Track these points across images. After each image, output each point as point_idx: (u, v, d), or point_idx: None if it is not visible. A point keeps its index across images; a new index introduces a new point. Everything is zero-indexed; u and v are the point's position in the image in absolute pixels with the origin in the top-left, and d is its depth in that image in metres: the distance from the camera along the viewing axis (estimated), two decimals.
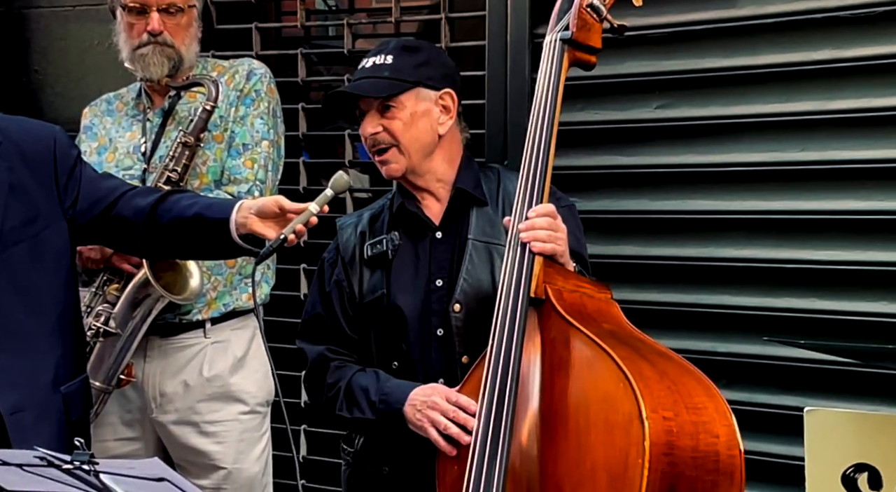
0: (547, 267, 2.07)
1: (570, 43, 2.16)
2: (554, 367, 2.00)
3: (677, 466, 1.85)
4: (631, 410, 1.85)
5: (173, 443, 2.80)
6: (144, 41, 2.74)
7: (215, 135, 2.76)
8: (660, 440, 1.84)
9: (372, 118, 2.30)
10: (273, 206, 2.23)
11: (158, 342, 2.77)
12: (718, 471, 1.90)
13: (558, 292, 2.05)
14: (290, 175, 3.16)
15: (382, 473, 2.31)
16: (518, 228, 2.09)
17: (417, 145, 2.29)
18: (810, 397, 2.51)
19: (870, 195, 2.50)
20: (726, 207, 2.68)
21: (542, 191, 2.11)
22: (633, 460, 1.83)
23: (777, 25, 2.59)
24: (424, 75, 2.31)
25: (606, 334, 1.99)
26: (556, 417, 1.97)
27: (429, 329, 2.27)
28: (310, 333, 2.38)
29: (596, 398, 1.93)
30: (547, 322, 2.03)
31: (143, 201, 2.34)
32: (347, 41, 3.27)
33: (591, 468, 1.90)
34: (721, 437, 1.91)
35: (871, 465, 1.63)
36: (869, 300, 2.49)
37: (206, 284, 2.75)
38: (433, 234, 2.32)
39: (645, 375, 1.90)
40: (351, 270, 2.34)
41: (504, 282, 2.08)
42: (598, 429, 1.90)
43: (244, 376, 2.81)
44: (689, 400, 1.92)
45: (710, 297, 2.70)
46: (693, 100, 2.72)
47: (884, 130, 2.48)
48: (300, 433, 3.31)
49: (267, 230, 2.23)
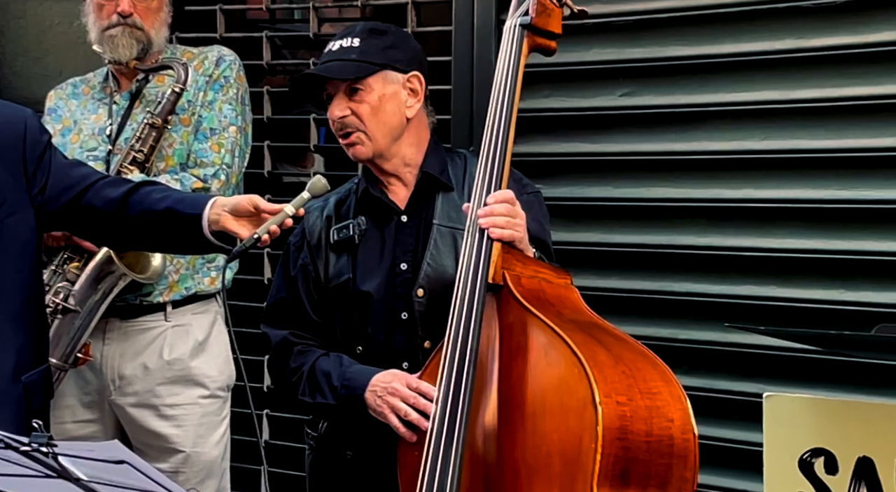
0: (505, 253, 2.08)
1: (530, 28, 2.17)
2: (511, 352, 2.01)
3: (631, 450, 1.87)
4: (585, 395, 1.86)
5: (132, 426, 2.79)
6: (114, 22, 2.73)
7: (182, 118, 2.75)
8: (613, 425, 1.86)
9: (340, 101, 2.29)
10: (248, 205, 2.22)
11: (118, 324, 2.76)
12: (673, 454, 1.91)
13: (516, 278, 2.05)
14: (254, 159, 3.14)
15: (346, 457, 2.31)
16: (476, 214, 2.10)
17: (385, 129, 2.29)
18: (770, 384, 2.54)
19: (829, 184, 2.52)
20: (688, 194, 2.69)
21: (501, 177, 2.11)
22: (586, 444, 1.85)
23: (740, 14, 2.60)
24: (392, 58, 2.30)
25: (563, 320, 2.00)
26: (514, 402, 1.98)
27: (393, 313, 2.27)
28: (274, 317, 2.38)
29: (551, 383, 1.94)
30: (505, 308, 2.04)
31: (114, 192, 2.31)
32: (313, 25, 3.25)
33: (546, 453, 1.91)
34: (675, 421, 1.93)
35: (827, 449, 1.65)
36: (827, 288, 2.52)
37: (169, 266, 2.74)
38: (398, 218, 2.32)
39: (599, 360, 1.91)
40: (317, 254, 2.33)
41: (462, 268, 2.08)
42: (554, 414, 1.92)
43: (205, 360, 2.80)
44: (644, 385, 1.93)
45: (672, 284, 2.72)
46: (657, 88, 2.73)
47: (844, 119, 2.50)
48: (262, 418, 3.30)
49: (240, 229, 2.22)
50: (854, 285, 2.49)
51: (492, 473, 2.01)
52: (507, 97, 2.14)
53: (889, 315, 2.38)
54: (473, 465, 2.02)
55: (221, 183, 2.73)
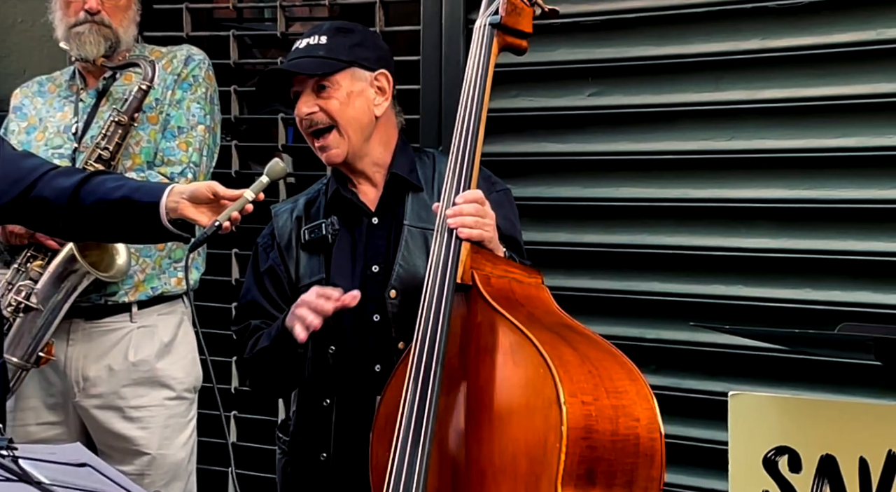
0: (474, 253, 2.07)
1: (500, 27, 2.16)
2: (480, 353, 2.01)
3: (596, 450, 1.87)
4: (550, 394, 1.86)
5: (96, 428, 2.77)
6: (81, 20, 2.71)
7: (150, 116, 2.73)
8: (578, 425, 1.86)
9: (307, 98, 2.28)
10: (206, 191, 2.19)
11: (83, 325, 2.73)
12: (639, 454, 1.92)
13: (486, 278, 2.05)
14: (222, 159, 3.12)
15: (320, 459, 2.29)
16: (445, 213, 2.09)
17: (356, 125, 2.28)
18: (737, 383, 2.55)
19: (796, 184, 2.54)
20: (656, 194, 2.70)
21: (471, 178, 2.11)
22: (551, 444, 1.85)
23: (707, 15, 2.61)
24: (359, 56, 2.30)
25: (531, 319, 2.00)
26: (482, 402, 1.98)
27: (365, 315, 2.26)
28: (244, 319, 2.36)
29: (518, 383, 1.94)
30: (474, 308, 2.04)
31: (66, 182, 2.28)
32: (280, 24, 3.24)
33: (512, 453, 1.91)
34: (642, 420, 1.93)
35: (791, 448, 1.66)
36: (794, 287, 2.53)
37: (134, 265, 2.72)
38: (369, 219, 2.32)
39: (565, 359, 1.91)
40: (287, 254, 2.32)
41: (431, 268, 2.08)
42: (520, 414, 1.92)
43: (171, 361, 2.78)
44: (611, 384, 1.93)
45: (640, 283, 2.72)
46: (625, 88, 2.74)
47: (810, 119, 2.51)
48: (230, 419, 3.29)
49: (200, 216, 2.19)
50: (820, 284, 2.50)
51: (460, 473, 2.00)
52: (476, 97, 2.14)
53: (854, 314, 2.40)
54: (442, 465, 2.02)
55: (189, 181, 2.71)
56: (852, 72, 2.45)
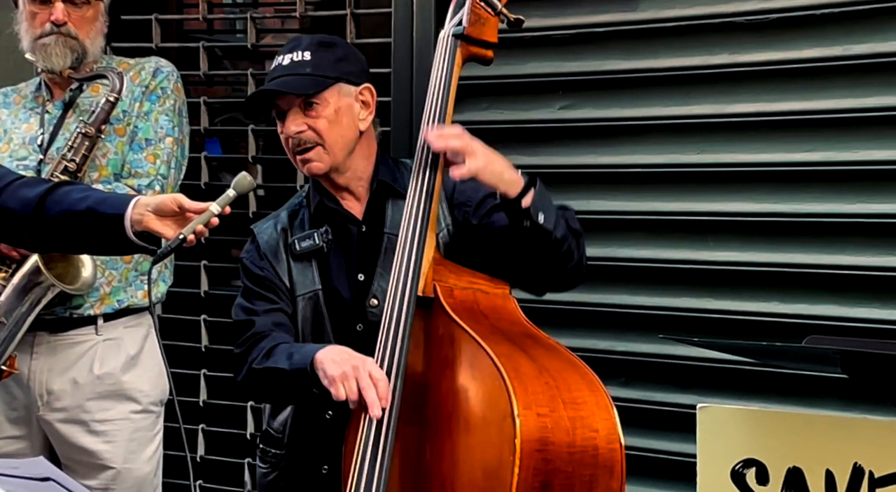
0: (437, 265, 2.07)
1: (463, 38, 2.15)
2: (441, 365, 2.00)
3: (552, 462, 1.87)
4: (504, 407, 1.86)
5: (61, 442, 2.73)
6: (47, 31, 2.68)
7: (117, 128, 2.71)
8: (532, 437, 1.86)
9: (295, 116, 2.25)
10: (172, 204, 2.17)
11: (47, 338, 2.69)
12: (597, 465, 1.91)
13: (448, 290, 2.04)
14: (191, 171, 3.10)
15: (322, 472, 2.26)
16: (407, 225, 2.07)
17: (342, 142, 2.26)
18: (707, 395, 2.56)
19: (763, 198, 2.55)
20: (626, 207, 2.71)
21: (434, 188, 2.10)
22: (505, 457, 1.84)
23: (676, 29, 2.63)
24: (344, 71, 2.28)
25: (492, 331, 1.99)
26: (442, 415, 1.98)
27: (351, 324, 2.26)
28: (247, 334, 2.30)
29: (475, 396, 1.94)
30: (436, 320, 2.03)
31: (31, 192, 2.25)
32: (251, 35, 3.23)
33: (470, 467, 1.91)
34: (601, 431, 1.92)
35: (758, 460, 1.66)
36: (763, 300, 2.55)
37: (100, 277, 2.69)
38: (358, 228, 2.31)
39: (522, 371, 1.91)
40: (277, 265, 2.30)
41: (393, 281, 2.08)
42: (478, 427, 1.91)
43: (137, 374, 2.75)
44: (569, 395, 1.93)
45: (610, 296, 2.73)
46: (595, 101, 2.75)
47: (778, 133, 2.54)
48: (198, 433, 3.26)
49: (165, 229, 2.16)
50: (788, 297, 2.52)
51: (421, 486, 1.99)
52: (439, 108, 2.13)
53: (821, 327, 2.42)
54: (404, 478, 2.01)
55: (156, 194, 2.69)
56: (819, 87, 2.48)
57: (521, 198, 2.08)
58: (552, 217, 2.10)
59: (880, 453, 1.57)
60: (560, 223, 2.12)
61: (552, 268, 2.17)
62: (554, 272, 2.19)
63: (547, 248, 2.11)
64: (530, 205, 2.07)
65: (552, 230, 2.09)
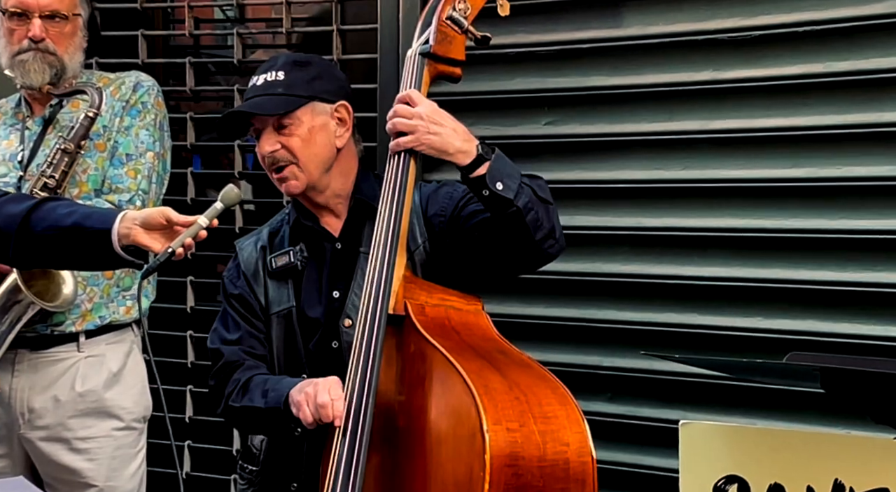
0: (408, 283, 2.08)
1: (430, 56, 2.17)
2: (413, 383, 2.01)
3: (523, 476, 1.87)
4: (474, 423, 1.87)
5: (42, 460, 2.72)
6: (25, 47, 2.67)
7: (97, 143, 2.70)
8: (502, 452, 1.86)
9: (269, 136, 2.26)
10: (160, 217, 2.17)
11: (28, 356, 2.68)
12: (569, 478, 1.92)
13: (420, 308, 2.05)
14: (177, 186, 3.10)
15: (290, 490, 2.27)
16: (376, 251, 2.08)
17: (317, 160, 2.27)
18: (692, 411, 2.57)
19: (746, 213, 2.56)
20: (611, 222, 2.72)
21: (401, 211, 2.11)
22: (476, 473, 1.85)
23: (661, 46, 2.65)
24: (318, 89, 2.29)
25: (462, 348, 1.99)
26: (414, 433, 1.98)
27: (326, 341, 2.26)
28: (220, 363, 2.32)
29: (447, 413, 1.94)
30: (407, 338, 2.04)
31: (16, 208, 2.24)
32: (238, 51, 3.23)
33: (442, 483, 1.91)
34: (572, 444, 1.93)
35: (740, 476, 1.67)
36: (746, 316, 2.56)
37: (82, 294, 2.68)
38: (333, 245, 2.31)
39: (491, 387, 1.91)
40: (255, 283, 2.31)
41: (364, 299, 2.08)
42: (448, 444, 1.92)
43: (119, 391, 2.74)
44: (539, 410, 1.93)
45: (595, 311, 2.73)
46: (580, 117, 2.76)
47: (760, 149, 2.55)
48: (184, 449, 3.25)
49: (153, 242, 2.16)
50: (770, 313, 2.53)
51: None
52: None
53: (803, 342, 2.42)
54: None
55: (138, 209, 2.68)
56: (801, 104, 2.49)
57: (476, 167, 2.08)
58: (513, 185, 2.09)
59: (861, 469, 1.57)
60: (524, 190, 2.10)
61: (521, 239, 2.12)
62: (524, 244, 2.13)
63: (512, 217, 2.09)
64: (486, 173, 2.07)
65: (513, 198, 2.08)
